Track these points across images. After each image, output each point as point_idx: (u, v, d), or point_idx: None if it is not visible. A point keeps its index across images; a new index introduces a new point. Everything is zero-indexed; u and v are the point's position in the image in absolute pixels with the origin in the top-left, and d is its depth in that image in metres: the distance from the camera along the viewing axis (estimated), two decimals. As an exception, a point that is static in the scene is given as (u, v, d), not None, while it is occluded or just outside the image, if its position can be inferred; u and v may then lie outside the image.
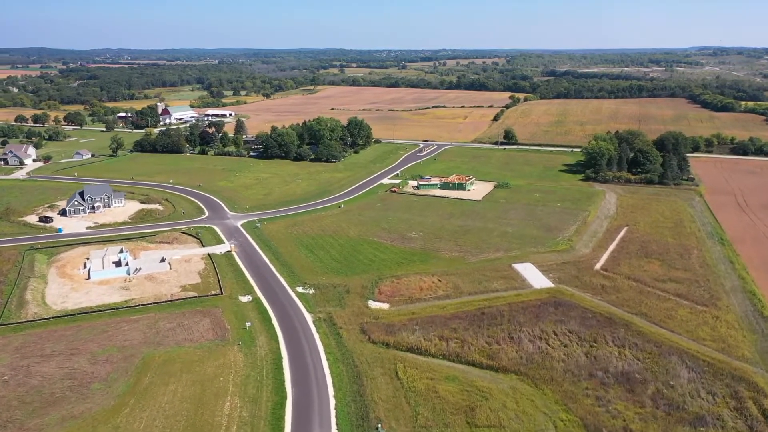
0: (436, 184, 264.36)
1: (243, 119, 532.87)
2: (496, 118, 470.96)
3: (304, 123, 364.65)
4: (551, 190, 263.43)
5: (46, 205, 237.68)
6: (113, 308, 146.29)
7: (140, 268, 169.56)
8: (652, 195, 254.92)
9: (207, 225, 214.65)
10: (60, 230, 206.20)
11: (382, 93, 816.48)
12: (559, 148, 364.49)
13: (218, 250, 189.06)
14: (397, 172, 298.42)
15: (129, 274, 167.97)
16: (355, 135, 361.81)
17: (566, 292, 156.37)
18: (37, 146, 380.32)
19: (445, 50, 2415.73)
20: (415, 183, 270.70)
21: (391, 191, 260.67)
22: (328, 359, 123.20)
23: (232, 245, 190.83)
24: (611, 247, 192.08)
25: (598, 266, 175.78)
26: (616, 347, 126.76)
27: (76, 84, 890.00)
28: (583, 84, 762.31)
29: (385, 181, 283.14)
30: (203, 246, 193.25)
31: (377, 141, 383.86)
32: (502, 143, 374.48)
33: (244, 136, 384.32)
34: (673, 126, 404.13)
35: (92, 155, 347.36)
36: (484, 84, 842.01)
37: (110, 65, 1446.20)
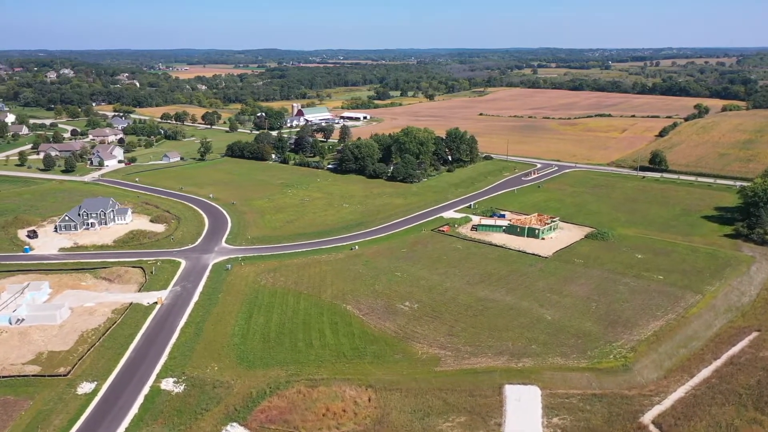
0: (501, 227, 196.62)
1: (374, 122, 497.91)
2: (662, 134, 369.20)
3: (399, 133, 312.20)
4: (667, 249, 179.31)
5: (61, 217, 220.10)
6: None
7: (22, 319, 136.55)
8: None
9: (179, 259, 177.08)
10: (27, 250, 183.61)
11: (557, 97, 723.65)
12: (728, 180, 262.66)
13: (149, 298, 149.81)
14: (471, 203, 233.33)
15: (11, 324, 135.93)
16: (454, 149, 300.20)
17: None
18: (148, 145, 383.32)
19: (671, 48, 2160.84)
20: (478, 220, 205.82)
21: (439, 230, 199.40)
22: None
23: (161, 297, 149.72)
24: (701, 375, 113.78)
25: (649, 416, 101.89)
26: None
27: (261, 83, 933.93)
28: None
29: (448, 213, 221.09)
30: (139, 290, 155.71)
31: (487, 157, 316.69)
32: (643, 169, 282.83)
33: (341, 145, 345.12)
34: None
35: (181, 158, 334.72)
36: (685, 88, 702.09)
37: (318, 64, 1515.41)
